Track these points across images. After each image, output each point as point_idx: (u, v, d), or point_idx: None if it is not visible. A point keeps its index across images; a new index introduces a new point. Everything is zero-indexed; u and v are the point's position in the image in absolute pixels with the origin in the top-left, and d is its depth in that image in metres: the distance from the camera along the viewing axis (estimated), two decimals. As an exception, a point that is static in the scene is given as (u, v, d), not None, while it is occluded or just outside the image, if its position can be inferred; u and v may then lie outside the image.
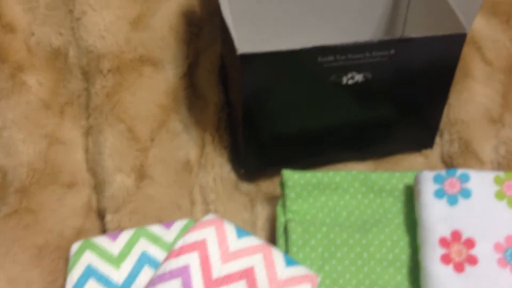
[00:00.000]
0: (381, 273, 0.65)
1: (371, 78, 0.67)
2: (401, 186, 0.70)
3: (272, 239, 0.72)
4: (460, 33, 0.66)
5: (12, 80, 0.81)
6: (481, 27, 0.86)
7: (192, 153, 0.79)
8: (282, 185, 0.71)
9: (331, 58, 0.64)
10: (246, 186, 0.78)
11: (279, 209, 0.70)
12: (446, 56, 0.68)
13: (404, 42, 0.65)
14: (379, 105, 0.73)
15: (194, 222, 0.70)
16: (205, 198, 0.75)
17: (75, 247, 0.67)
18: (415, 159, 0.79)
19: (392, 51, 0.65)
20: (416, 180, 0.67)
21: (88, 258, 0.66)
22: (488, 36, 0.85)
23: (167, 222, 0.70)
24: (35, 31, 0.84)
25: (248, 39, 0.79)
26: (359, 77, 0.67)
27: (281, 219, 0.70)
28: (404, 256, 0.66)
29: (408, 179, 0.70)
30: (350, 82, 0.67)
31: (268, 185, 0.78)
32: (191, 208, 0.75)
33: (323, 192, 0.70)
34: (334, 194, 0.70)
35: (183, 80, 0.83)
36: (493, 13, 0.87)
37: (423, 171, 0.67)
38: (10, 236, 0.71)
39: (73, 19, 0.82)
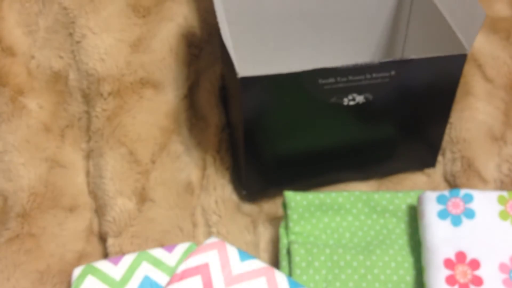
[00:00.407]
0: (386, 295, 0.64)
1: (372, 99, 0.67)
2: (404, 207, 0.70)
3: (275, 261, 0.72)
4: (461, 53, 0.66)
5: (13, 104, 0.81)
6: (481, 45, 0.86)
7: (194, 175, 0.79)
8: (284, 206, 0.70)
9: (331, 80, 0.64)
10: (248, 207, 0.77)
11: (281, 230, 0.70)
12: (447, 76, 0.68)
13: (405, 63, 0.65)
14: (380, 125, 0.72)
15: (196, 245, 0.70)
16: (207, 220, 0.75)
17: (77, 272, 0.67)
18: (418, 178, 0.79)
19: (393, 72, 0.65)
20: (419, 200, 0.67)
21: (90, 283, 0.66)
22: (489, 54, 0.86)
23: (169, 246, 0.70)
24: (35, 54, 0.84)
25: (248, 60, 0.79)
26: (360, 99, 0.67)
27: (283, 241, 0.69)
28: (409, 277, 0.65)
29: (411, 199, 0.70)
30: (351, 103, 0.67)
31: (270, 206, 0.78)
32: (193, 230, 0.74)
33: (326, 213, 0.70)
34: (336, 215, 0.70)
35: (183, 101, 0.83)
36: (493, 30, 0.87)
37: (426, 191, 0.67)
38: (12, 261, 0.70)
39: (73, 42, 0.82)
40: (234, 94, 0.72)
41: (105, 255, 0.73)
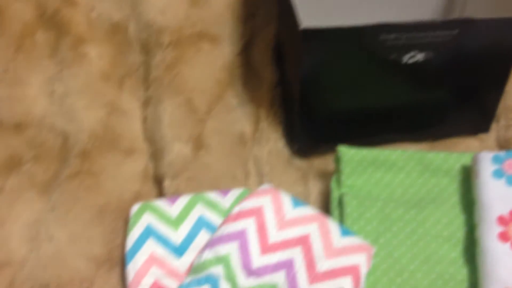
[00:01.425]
0: (436, 248, 0.65)
1: (432, 58, 0.67)
2: (457, 167, 0.70)
3: (325, 213, 0.73)
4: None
5: (74, 51, 0.84)
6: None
7: (247, 127, 0.80)
8: (337, 160, 0.72)
9: (393, 36, 0.64)
10: (299, 162, 0.79)
11: (333, 184, 0.71)
12: (509, 40, 0.68)
13: (469, 23, 0.65)
14: (436, 87, 0.73)
15: (249, 191, 0.72)
16: (259, 170, 0.77)
17: (135, 208, 0.69)
18: (470, 142, 0.79)
19: (456, 31, 0.65)
20: (474, 160, 0.68)
21: (147, 219, 0.68)
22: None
23: (223, 190, 0.72)
24: (95, 5, 0.86)
25: (309, 15, 0.80)
26: (420, 56, 0.67)
27: (335, 193, 0.70)
28: (459, 233, 0.66)
29: (465, 160, 0.71)
30: (411, 61, 0.67)
31: (321, 162, 0.79)
32: (245, 179, 0.76)
33: (378, 169, 0.71)
34: (389, 172, 0.71)
35: (239, 57, 0.85)
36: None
37: (481, 151, 0.68)
38: (72, 196, 0.73)
39: (133, -5, 0.84)
40: (292, 49, 0.73)
41: (160, 197, 0.75)
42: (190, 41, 0.83)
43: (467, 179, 0.69)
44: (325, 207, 0.74)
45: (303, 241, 0.63)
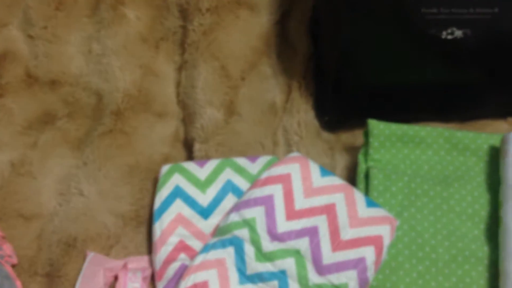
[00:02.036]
0: (459, 225, 0.66)
1: (470, 35, 0.67)
2: (486, 147, 0.70)
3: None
4: None
5: (113, 11, 0.85)
6: None
7: (278, 97, 0.81)
8: (366, 134, 0.72)
9: (435, 10, 0.64)
10: (326, 135, 0.80)
11: (360, 157, 0.72)
12: (548, 22, 0.68)
13: (509, 2, 0.65)
14: (471, 67, 0.73)
15: (277, 159, 0.73)
16: (288, 140, 0.78)
17: (165, 168, 0.71)
18: (500, 125, 0.79)
19: (496, 9, 0.65)
20: (504, 140, 0.68)
21: (176, 180, 0.69)
22: None
23: (252, 156, 0.73)
24: (136, -32, 0.87)
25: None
26: (458, 33, 0.67)
27: (362, 166, 0.71)
28: (483, 212, 0.67)
29: (493, 140, 0.71)
30: (449, 37, 0.67)
31: (348, 136, 0.79)
32: (274, 148, 0.77)
33: (406, 145, 0.71)
34: (417, 148, 0.71)
35: (275, 27, 0.85)
36: None
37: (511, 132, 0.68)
38: (104, 153, 0.75)
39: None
40: (331, 21, 0.73)
41: (189, 160, 0.76)
42: (228, 7, 0.84)
43: (495, 159, 0.70)
44: (350, 181, 0.74)
45: (329, 210, 0.64)
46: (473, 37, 0.67)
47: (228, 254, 0.63)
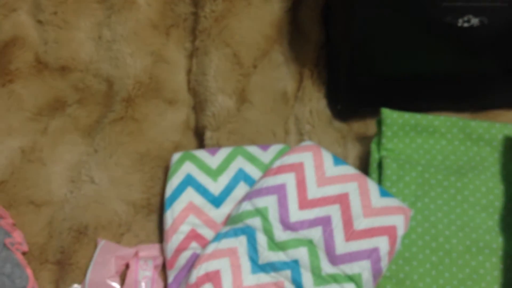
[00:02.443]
0: (473, 216, 0.65)
1: (487, 23, 0.66)
2: (500, 137, 0.70)
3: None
4: None
5: (124, -3, 0.84)
6: None
7: (290, 86, 0.80)
8: (379, 123, 0.72)
9: (451, -4, 0.63)
10: (339, 124, 0.79)
11: (373, 146, 0.72)
12: None
13: (527, -10, 0.64)
14: (486, 55, 0.72)
15: (289, 147, 0.72)
16: (300, 129, 0.77)
17: (176, 156, 0.70)
18: (512, 115, 0.79)
19: (513, -2, 0.64)
20: (520, 130, 0.67)
21: (188, 168, 0.69)
22: None
23: (264, 145, 0.72)
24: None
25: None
26: (475, 21, 0.66)
27: (375, 155, 0.71)
28: (497, 203, 0.66)
29: (508, 130, 0.70)
30: (465, 25, 0.66)
31: (360, 126, 0.79)
32: (285, 136, 0.77)
33: (420, 135, 0.71)
34: (431, 137, 0.71)
35: (287, 14, 0.84)
36: None
37: (527, 122, 0.67)
38: (115, 140, 0.74)
39: None
40: (344, 8, 0.72)
41: (200, 148, 0.76)
42: (241, -6, 0.83)
43: (509, 150, 0.69)
44: (363, 170, 0.74)
45: (342, 199, 0.63)
46: (489, 25, 0.67)
47: (240, 243, 0.62)
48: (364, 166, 0.74)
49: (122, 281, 0.66)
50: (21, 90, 0.78)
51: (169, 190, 0.68)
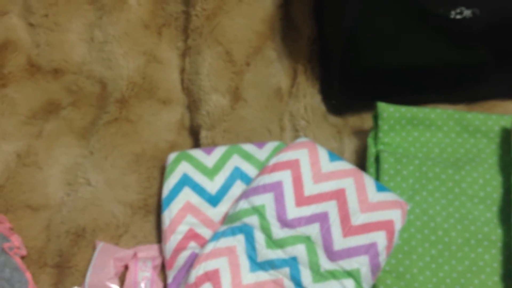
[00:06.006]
0: (471, 208, 0.65)
1: (479, 15, 0.66)
2: (497, 128, 0.70)
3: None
4: None
5: (115, -2, 0.83)
6: None
7: (284, 82, 0.80)
8: (375, 117, 0.71)
9: (443, -12, 0.63)
10: (334, 119, 0.79)
11: (370, 140, 0.71)
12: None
13: (519, -20, 0.64)
14: (479, 46, 0.72)
15: (284, 144, 0.72)
16: (295, 125, 0.77)
17: (172, 156, 0.70)
18: (509, 106, 0.78)
19: (505, -12, 0.64)
20: (516, 121, 0.67)
21: (184, 168, 0.69)
22: None
23: (259, 142, 0.72)
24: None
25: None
26: (467, 13, 0.66)
27: (372, 150, 0.70)
28: (495, 195, 0.66)
29: (504, 122, 0.70)
30: (458, 17, 0.66)
31: (356, 120, 0.79)
32: (281, 133, 0.77)
33: (416, 128, 0.70)
34: (427, 130, 0.70)
35: (279, 10, 0.84)
36: None
37: (523, 112, 0.67)
38: (110, 142, 0.74)
39: None
40: (336, 2, 0.72)
41: (195, 147, 0.76)
42: (231, -9, 0.82)
43: (506, 141, 0.69)
44: (359, 165, 0.73)
45: (339, 195, 0.63)
46: (482, 16, 0.67)
47: (238, 241, 0.62)
48: (361, 161, 0.74)
49: (122, 283, 0.66)
50: (14, 94, 0.78)
51: (166, 191, 0.68)
